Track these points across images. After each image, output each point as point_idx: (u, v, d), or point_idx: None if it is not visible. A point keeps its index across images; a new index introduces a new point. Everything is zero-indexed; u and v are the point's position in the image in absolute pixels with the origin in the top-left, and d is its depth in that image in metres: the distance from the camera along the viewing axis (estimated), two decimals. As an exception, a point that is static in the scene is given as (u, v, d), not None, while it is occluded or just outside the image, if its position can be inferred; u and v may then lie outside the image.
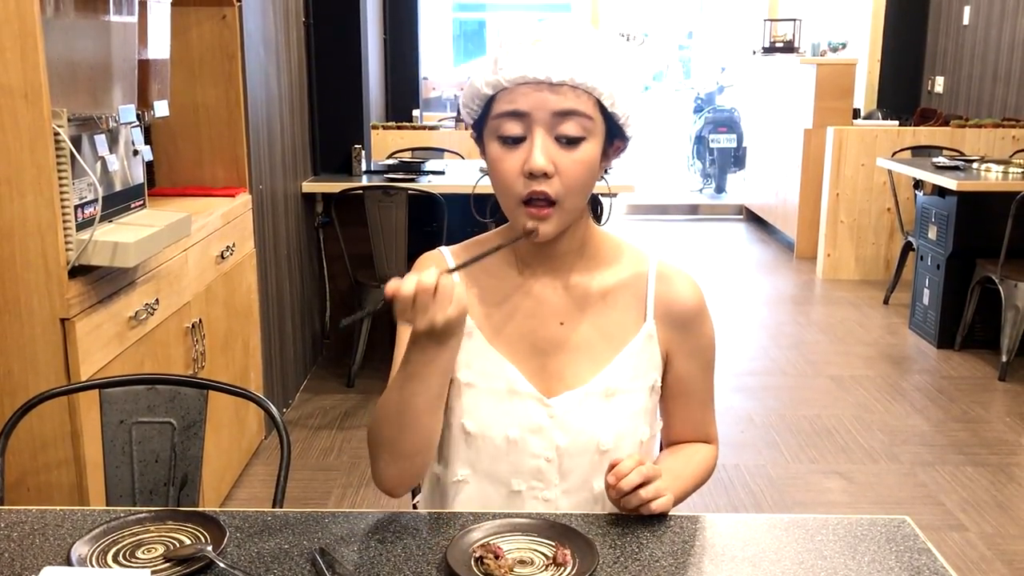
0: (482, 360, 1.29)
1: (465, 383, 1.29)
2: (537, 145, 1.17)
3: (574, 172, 1.19)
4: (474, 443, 1.29)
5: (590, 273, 1.32)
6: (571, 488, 1.30)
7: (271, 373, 3.53)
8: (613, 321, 1.31)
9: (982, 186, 4.33)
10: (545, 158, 1.17)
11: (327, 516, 1.22)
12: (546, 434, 1.28)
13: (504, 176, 1.20)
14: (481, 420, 1.29)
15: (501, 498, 1.30)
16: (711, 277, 6.10)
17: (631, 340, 1.30)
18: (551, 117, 1.17)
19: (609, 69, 1.19)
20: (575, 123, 1.18)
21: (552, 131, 1.18)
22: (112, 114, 2.11)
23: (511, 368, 1.29)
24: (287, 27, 3.76)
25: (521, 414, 1.27)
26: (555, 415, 1.28)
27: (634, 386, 1.30)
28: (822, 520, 1.24)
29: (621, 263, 1.34)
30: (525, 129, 1.18)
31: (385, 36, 7.01)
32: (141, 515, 1.19)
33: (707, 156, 9.27)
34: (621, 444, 1.29)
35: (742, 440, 3.54)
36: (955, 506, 3.03)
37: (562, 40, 1.17)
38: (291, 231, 3.84)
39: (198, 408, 1.63)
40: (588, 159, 1.20)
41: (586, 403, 1.28)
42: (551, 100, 1.16)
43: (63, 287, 1.95)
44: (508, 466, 1.29)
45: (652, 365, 1.32)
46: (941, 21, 7.04)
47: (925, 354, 4.54)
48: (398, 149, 5.37)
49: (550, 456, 1.28)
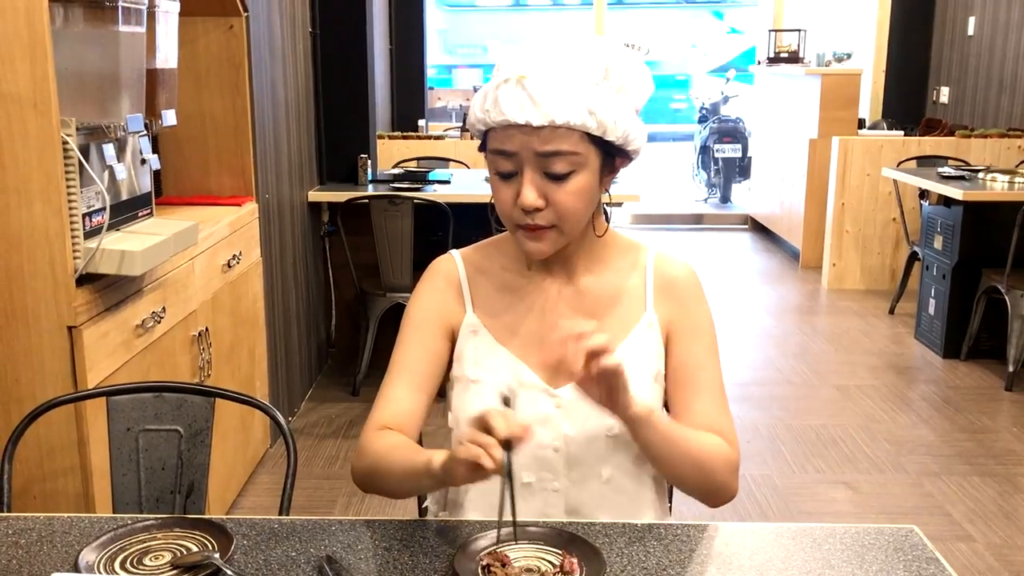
0: (489, 357, 1.32)
1: (472, 380, 1.32)
2: (526, 183, 1.22)
3: (566, 202, 1.24)
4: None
5: (593, 269, 1.36)
6: (579, 477, 1.31)
7: (276, 382, 3.53)
8: (615, 314, 1.34)
9: (988, 196, 4.33)
10: (534, 195, 1.22)
11: (334, 524, 1.22)
12: (553, 424, 1.30)
13: (501, 206, 1.27)
14: None
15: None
16: (716, 286, 6.10)
17: (632, 330, 1.34)
18: (537, 157, 1.21)
19: (595, 100, 1.20)
20: (561, 161, 1.21)
21: (540, 168, 1.22)
22: (120, 123, 2.12)
23: (517, 362, 1.32)
24: (294, 37, 3.77)
25: (527, 405, 1.29)
26: (562, 405, 1.30)
27: (637, 374, 1.30)
28: (829, 529, 1.24)
29: (622, 257, 1.38)
30: (516, 166, 1.23)
31: (391, 46, 7.03)
32: (148, 522, 1.20)
33: (712, 166, 9.27)
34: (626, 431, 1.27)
35: (748, 450, 3.53)
36: (962, 516, 3.02)
37: (545, 79, 1.19)
38: (297, 240, 3.85)
39: (205, 416, 1.63)
40: (579, 189, 1.24)
41: None
42: (535, 142, 1.20)
43: (71, 295, 1.95)
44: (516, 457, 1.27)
45: (654, 354, 1.34)
46: (946, 32, 7.04)
47: (931, 364, 4.53)
48: (404, 159, 5.39)
49: (558, 446, 1.30)
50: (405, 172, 4.72)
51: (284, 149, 3.63)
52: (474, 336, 1.34)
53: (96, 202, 2.05)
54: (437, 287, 1.38)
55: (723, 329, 5.10)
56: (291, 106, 3.73)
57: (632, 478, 1.33)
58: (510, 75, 1.19)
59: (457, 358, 1.36)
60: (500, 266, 1.37)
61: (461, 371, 1.34)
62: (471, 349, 1.34)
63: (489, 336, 1.34)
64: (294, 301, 3.80)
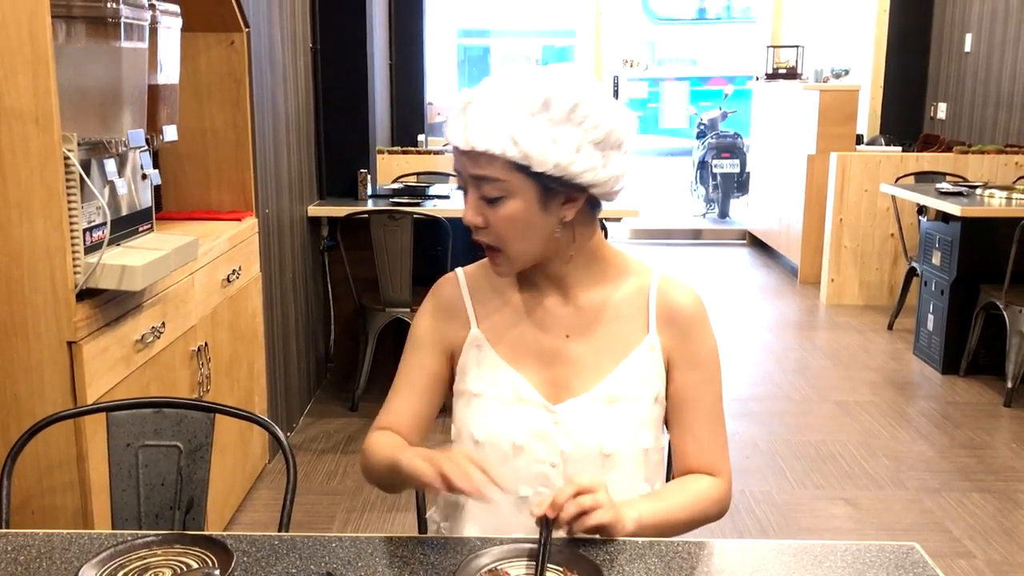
0: (491, 371, 1.36)
1: (475, 393, 1.36)
2: (467, 200, 1.30)
3: (501, 226, 1.29)
4: (482, 451, 1.34)
5: (596, 288, 1.37)
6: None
7: (275, 397, 3.53)
8: (617, 333, 1.36)
9: (986, 212, 4.34)
10: (472, 213, 1.30)
11: (334, 540, 1.22)
12: (551, 440, 1.33)
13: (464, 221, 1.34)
14: (488, 428, 1.35)
15: (509, 504, 1.34)
16: (715, 302, 6.10)
17: (634, 350, 1.35)
18: (472, 179, 1.28)
19: (523, 132, 1.21)
20: (490, 186, 1.26)
21: (476, 189, 1.28)
22: (121, 138, 2.13)
23: (518, 377, 1.35)
24: (294, 53, 3.79)
25: (527, 420, 1.33)
26: (560, 421, 1.33)
27: (637, 394, 1.34)
28: (830, 546, 1.23)
29: (626, 278, 1.39)
30: (464, 184, 1.31)
31: (391, 61, 7.06)
32: (148, 538, 1.19)
33: (710, 181, 9.29)
34: (623, 450, 1.33)
35: (747, 466, 3.53)
36: (962, 533, 3.01)
37: (484, 106, 1.24)
38: (296, 255, 3.85)
39: (205, 432, 1.63)
40: (510, 215, 1.27)
41: (590, 409, 1.33)
42: (469, 165, 1.27)
43: (71, 310, 1.95)
44: (514, 472, 1.33)
45: (655, 375, 1.36)
46: (943, 48, 7.08)
47: (930, 380, 4.53)
48: (403, 173, 5.40)
49: (555, 461, 1.33)
50: (405, 187, 4.73)
51: (284, 164, 3.64)
52: (478, 351, 1.38)
53: (97, 217, 2.05)
54: (438, 308, 1.43)
55: (722, 344, 5.06)
56: (291, 121, 3.74)
57: (627, 495, 1.34)
58: (461, 101, 1.27)
59: (460, 372, 1.39)
60: (503, 282, 1.41)
61: (464, 385, 1.38)
62: (474, 363, 1.37)
63: (492, 351, 1.37)
64: (293, 316, 3.80)
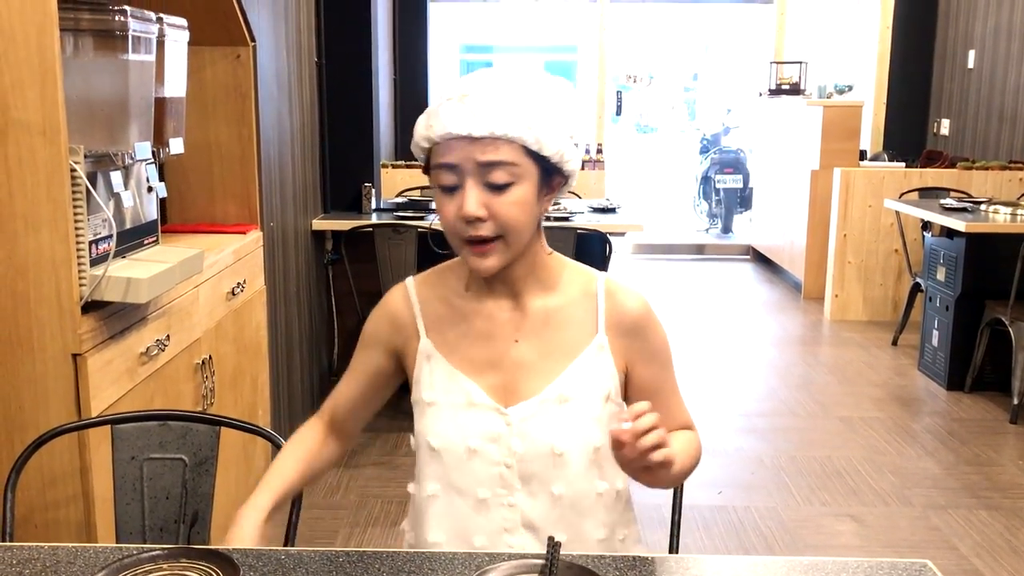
0: (443, 379, 1.39)
1: (428, 402, 1.39)
2: (468, 194, 1.27)
3: (507, 213, 1.28)
4: (439, 457, 1.38)
5: (543, 294, 1.40)
6: (532, 491, 1.36)
7: (279, 410, 3.52)
8: (565, 335, 1.39)
9: (991, 228, 4.33)
10: (476, 205, 1.27)
11: (341, 555, 1.21)
12: (504, 442, 1.36)
13: (446, 221, 1.31)
14: (444, 434, 1.38)
15: (469, 508, 1.37)
16: (718, 317, 6.09)
17: (583, 351, 1.38)
18: (478, 167, 1.26)
19: (532, 116, 1.26)
20: (502, 171, 1.26)
21: (482, 179, 1.27)
22: (128, 151, 2.13)
23: (470, 383, 1.38)
24: (300, 67, 3.80)
25: (480, 424, 1.36)
26: (512, 423, 1.36)
27: (587, 393, 1.37)
28: (841, 563, 1.22)
29: (572, 283, 1.42)
30: (459, 179, 1.28)
31: (395, 76, 7.08)
32: (154, 552, 1.18)
33: (713, 196, 9.30)
34: (574, 448, 1.36)
35: (752, 482, 3.51)
36: (969, 551, 2.99)
37: (486, 94, 1.26)
38: (301, 268, 3.85)
39: (210, 445, 1.62)
40: (519, 200, 1.28)
41: (541, 410, 1.36)
42: (476, 152, 1.25)
43: (76, 322, 1.95)
44: (471, 475, 1.37)
45: (605, 374, 1.39)
46: (946, 64, 7.09)
47: (935, 396, 4.51)
48: (407, 187, 5.40)
49: (509, 462, 1.36)
50: (409, 201, 4.74)
51: (289, 177, 3.64)
52: (428, 361, 1.40)
53: (103, 229, 2.05)
54: (387, 316, 1.47)
55: (726, 359, 5.09)
56: (296, 135, 3.74)
57: (582, 495, 1.37)
58: (452, 95, 1.27)
59: (415, 383, 1.42)
60: (452, 290, 1.43)
61: (419, 395, 1.41)
62: (427, 373, 1.40)
63: (443, 360, 1.40)
64: (297, 329, 3.79)
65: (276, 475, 1.43)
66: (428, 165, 1.32)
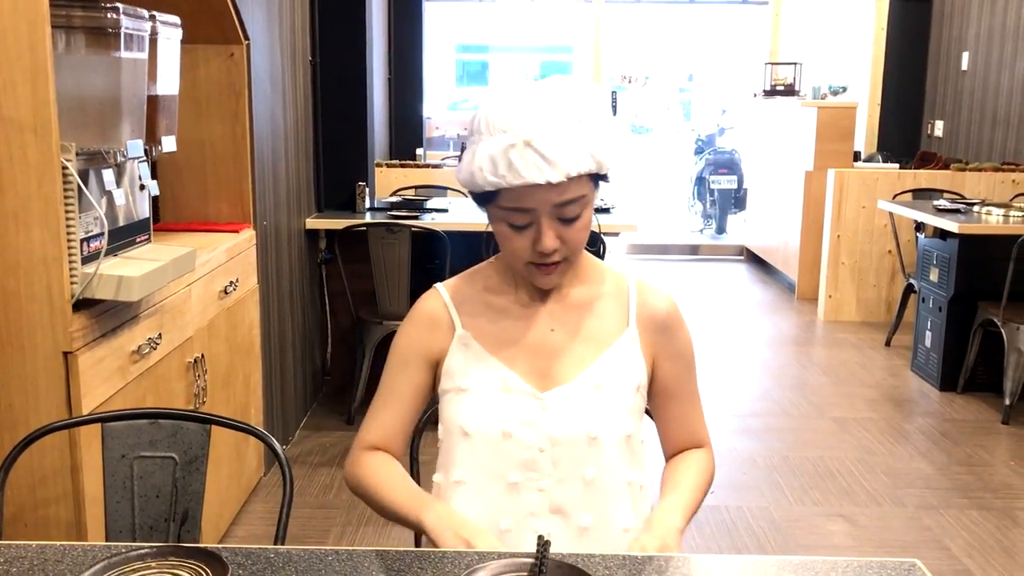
0: (480, 366, 1.41)
1: (463, 388, 1.41)
2: (546, 232, 1.32)
3: (577, 239, 1.36)
4: (471, 442, 1.40)
5: (579, 286, 1.47)
6: (564, 477, 1.39)
7: (272, 409, 3.51)
8: (599, 327, 1.45)
9: (984, 229, 4.34)
10: (553, 240, 1.33)
11: (330, 554, 1.21)
12: (539, 426, 1.38)
13: (515, 251, 1.36)
14: (478, 419, 1.39)
15: (499, 492, 1.39)
16: (712, 317, 6.10)
17: (615, 342, 1.44)
18: (553, 207, 1.31)
19: (595, 145, 1.30)
20: (575, 206, 1.33)
21: (556, 216, 1.33)
22: (120, 149, 2.12)
23: (506, 370, 1.41)
24: (294, 66, 3.79)
25: (515, 408, 1.39)
26: (547, 407, 1.39)
27: (619, 382, 1.42)
28: (831, 563, 1.22)
29: (605, 279, 1.49)
30: (531, 218, 1.33)
31: (390, 76, 7.08)
32: (143, 551, 1.18)
33: (708, 197, 9.31)
34: (608, 434, 1.39)
35: (745, 482, 3.51)
36: (960, 551, 2.99)
37: (552, 137, 1.27)
38: (294, 267, 3.84)
39: (200, 443, 1.62)
40: (586, 224, 1.36)
41: (577, 396, 1.40)
42: (553, 196, 1.30)
43: (67, 320, 1.94)
44: (504, 459, 1.38)
45: (636, 366, 1.44)
46: (940, 66, 7.11)
47: (927, 396, 4.52)
48: (401, 187, 5.40)
49: (543, 446, 1.38)
50: (403, 200, 4.73)
51: (282, 176, 3.63)
52: (465, 349, 1.43)
53: (94, 227, 2.05)
54: (419, 322, 1.47)
55: (720, 360, 5.09)
56: (290, 134, 3.74)
57: (612, 480, 1.41)
58: (514, 140, 1.27)
59: (447, 373, 1.44)
60: (484, 288, 1.47)
61: (452, 383, 1.42)
62: (461, 361, 1.42)
63: (479, 347, 1.42)
64: (290, 328, 3.79)
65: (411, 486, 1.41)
66: (487, 199, 1.34)
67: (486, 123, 1.30)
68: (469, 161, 1.32)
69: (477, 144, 1.31)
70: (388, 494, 1.38)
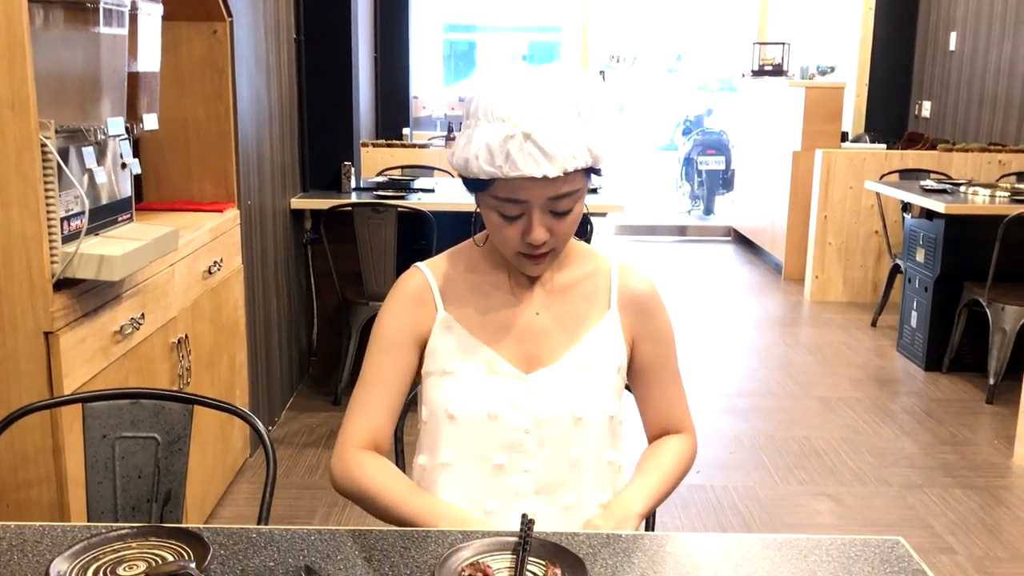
0: (464, 349, 1.41)
1: (448, 371, 1.41)
2: (536, 224, 1.32)
3: (567, 232, 1.36)
4: (456, 424, 1.39)
5: (561, 270, 1.47)
6: (549, 457, 1.39)
7: (257, 390, 3.50)
8: (581, 309, 1.45)
9: (970, 209, 4.35)
10: (543, 232, 1.32)
11: (313, 533, 1.20)
12: (524, 407, 1.38)
13: (504, 239, 1.36)
14: (463, 402, 1.39)
15: (484, 474, 1.39)
16: (699, 298, 6.11)
17: (598, 323, 1.44)
18: (547, 201, 1.31)
19: (591, 139, 1.28)
20: (568, 200, 1.32)
21: (548, 209, 1.32)
22: (100, 126, 2.09)
23: (490, 352, 1.41)
24: (278, 44, 3.75)
25: (501, 390, 1.39)
26: (532, 389, 1.39)
27: (601, 363, 1.42)
28: (815, 541, 1.22)
29: (586, 261, 1.49)
30: (523, 209, 1.32)
31: (376, 55, 7.02)
32: (123, 531, 1.17)
33: (695, 178, 9.30)
34: (592, 415, 1.40)
35: (731, 461, 3.53)
36: (944, 529, 3.02)
37: (551, 130, 1.25)
38: (279, 247, 3.82)
39: (183, 424, 1.60)
40: (577, 217, 1.36)
41: (561, 376, 1.40)
42: (549, 190, 1.29)
43: (47, 300, 1.92)
44: (490, 441, 1.38)
45: (616, 347, 1.45)
46: (928, 47, 7.10)
47: (913, 376, 4.54)
48: (388, 167, 5.37)
49: (528, 427, 1.38)
50: (389, 180, 4.71)
51: (267, 155, 3.60)
52: (448, 331, 1.42)
53: (75, 206, 2.02)
54: (405, 301, 1.44)
55: (707, 340, 5.10)
56: (275, 112, 3.70)
57: (597, 459, 1.42)
58: (513, 131, 1.24)
59: (430, 354, 1.43)
60: (467, 267, 1.46)
61: (436, 365, 1.42)
62: (445, 344, 1.41)
63: (463, 330, 1.42)
64: (275, 309, 3.77)
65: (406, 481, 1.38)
66: (479, 186, 1.31)
67: (484, 109, 1.27)
68: (464, 146, 1.29)
69: (473, 130, 1.28)
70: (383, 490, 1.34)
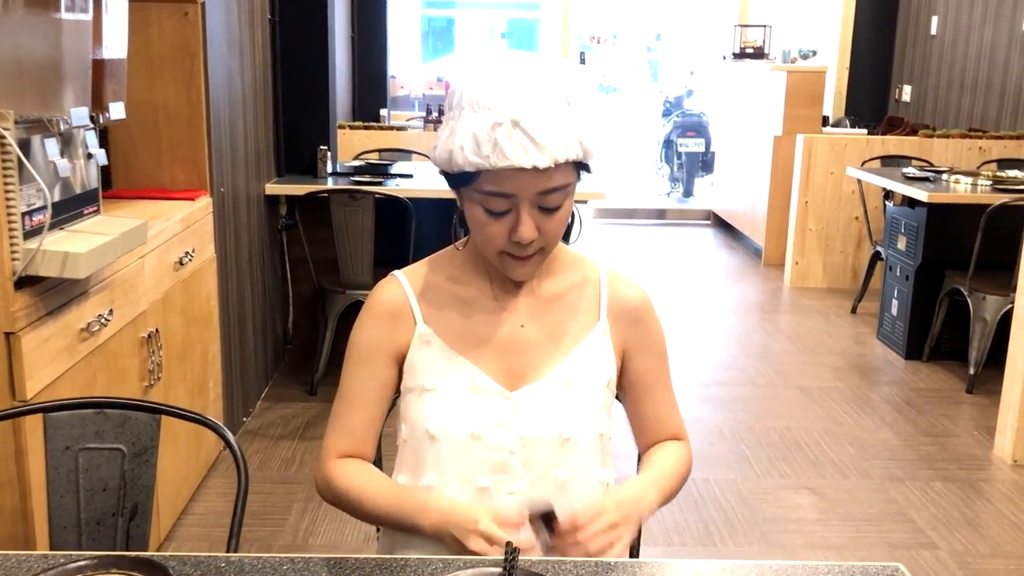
0: (444, 364, 1.33)
1: (427, 388, 1.33)
2: (524, 220, 1.24)
3: (556, 230, 1.28)
4: (438, 445, 1.32)
5: (547, 280, 1.39)
6: (535, 479, 1.32)
7: (231, 382, 3.42)
8: (569, 321, 1.38)
9: (953, 198, 4.33)
10: (532, 229, 1.25)
11: (285, 562, 1.14)
12: (509, 427, 1.31)
13: (489, 238, 1.27)
14: (444, 421, 1.32)
15: (468, 497, 1.32)
16: (678, 283, 6.07)
17: (586, 336, 1.37)
18: (536, 195, 1.23)
19: (581, 130, 1.22)
20: (558, 194, 1.24)
21: (537, 204, 1.24)
22: (63, 117, 2.00)
23: (473, 368, 1.33)
24: (252, 25, 3.65)
25: (484, 409, 1.32)
26: (517, 407, 1.32)
27: (591, 378, 1.36)
28: (812, 568, 1.18)
29: (574, 269, 1.41)
30: (510, 204, 1.24)
31: (353, 34, 6.90)
32: (82, 562, 1.10)
33: (675, 160, 9.25)
34: (581, 434, 1.34)
35: (712, 453, 3.50)
36: (925, 523, 3.00)
37: (541, 119, 1.18)
38: (253, 235, 3.73)
39: (150, 434, 1.53)
40: (566, 215, 1.28)
41: (548, 394, 1.33)
42: (538, 183, 1.22)
43: (8, 299, 1.84)
44: (473, 463, 1.31)
45: (606, 361, 1.38)
46: (909, 31, 7.07)
47: (893, 365, 4.53)
48: (365, 150, 5.28)
49: (514, 448, 1.31)
50: (366, 165, 4.62)
51: (240, 140, 3.51)
52: (427, 346, 1.34)
53: (37, 200, 1.93)
54: (381, 315, 1.37)
55: (685, 327, 5.07)
56: (248, 96, 3.61)
57: (586, 480, 1.35)
58: (500, 119, 1.17)
59: (409, 370, 1.35)
60: (447, 277, 1.38)
61: (415, 382, 1.34)
62: (424, 359, 1.34)
63: (443, 343, 1.34)
64: (250, 298, 3.69)
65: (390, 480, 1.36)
66: (463, 181, 1.24)
67: (468, 99, 1.20)
68: (447, 139, 1.21)
69: (457, 121, 1.21)
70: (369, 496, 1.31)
